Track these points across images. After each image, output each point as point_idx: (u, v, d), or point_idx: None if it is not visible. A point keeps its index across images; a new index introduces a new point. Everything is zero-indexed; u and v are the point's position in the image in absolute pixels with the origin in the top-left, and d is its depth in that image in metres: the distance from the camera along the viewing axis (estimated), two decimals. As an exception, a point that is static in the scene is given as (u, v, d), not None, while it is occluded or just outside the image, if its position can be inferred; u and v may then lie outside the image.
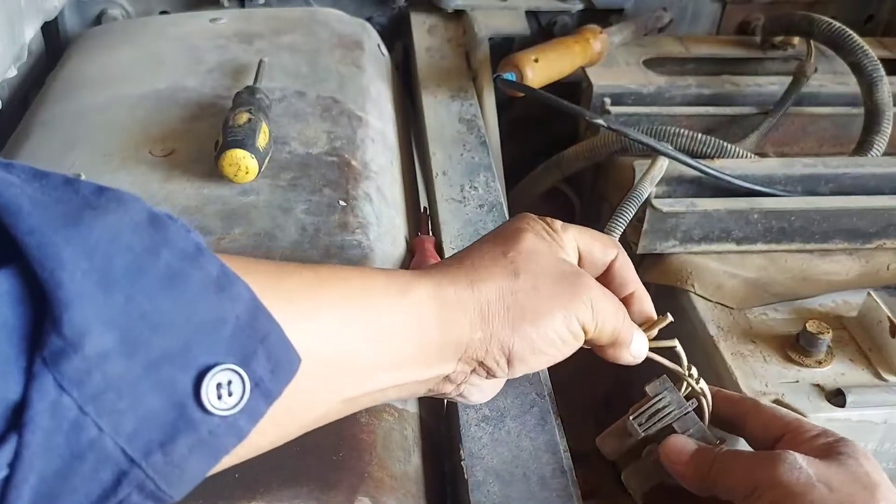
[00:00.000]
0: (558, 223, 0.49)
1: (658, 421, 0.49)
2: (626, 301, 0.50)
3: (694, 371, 0.50)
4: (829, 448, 0.43)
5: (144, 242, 0.30)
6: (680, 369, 0.49)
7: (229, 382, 0.31)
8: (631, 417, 0.49)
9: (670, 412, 0.48)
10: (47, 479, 0.28)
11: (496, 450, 0.48)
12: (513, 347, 0.44)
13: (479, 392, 0.48)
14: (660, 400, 0.49)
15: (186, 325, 0.30)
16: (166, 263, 0.30)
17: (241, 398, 0.31)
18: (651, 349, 0.50)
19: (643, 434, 0.49)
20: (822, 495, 0.40)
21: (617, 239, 0.65)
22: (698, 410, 0.49)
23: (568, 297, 0.45)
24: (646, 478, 0.49)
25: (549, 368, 0.54)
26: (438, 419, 0.57)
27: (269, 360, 0.32)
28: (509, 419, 0.50)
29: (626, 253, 0.51)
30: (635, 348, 0.49)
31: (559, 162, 0.85)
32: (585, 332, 0.46)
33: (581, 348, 0.51)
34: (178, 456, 0.30)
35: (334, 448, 0.46)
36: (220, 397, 0.30)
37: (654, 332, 0.50)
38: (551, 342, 0.45)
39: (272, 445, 0.38)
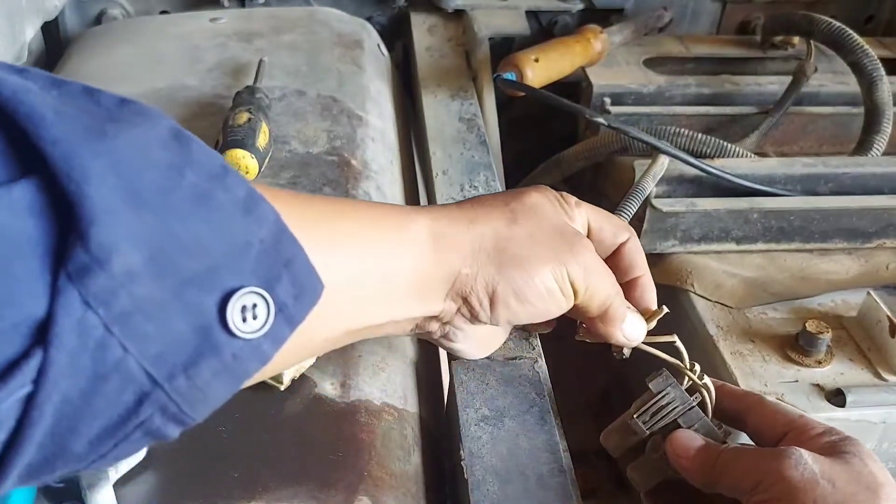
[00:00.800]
0: (573, 199, 0.49)
1: (662, 418, 0.48)
2: (629, 285, 0.50)
3: (697, 367, 0.50)
4: (833, 446, 0.43)
5: (171, 159, 0.29)
6: (682, 364, 0.49)
7: (254, 306, 0.30)
8: (635, 416, 0.49)
9: (674, 408, 0.48)
10: (71, 398, 0.27)
11: (496, 449, 0.48)
12: (497, 288, 0.44)
13: (465, 339, 0.48)
14: (663, 396, 0.48)
15: (214, 247, 0.29)
16: (193, 183, 0.29)
17: (266, 322, 0.30)
18: (649, 343, 0.50)
19: (647, 431, 0.49)
20: (826, 492, 0.40)
21: None
22: (702, 405, 0.49)
23: (562, 252, 0.45)
24: (651, 473, 0.49)
25: (547, 368, 0.54)
26: (438, 418, 0.57)
27: (294, 285, 0.32)
28: (509, 419, 0.50)
29: (637, 239, 0.51)
30: (629, 329, 0.48)
31: (559, 162, 0.85)
32: (575, 294, 0.46)
33: (577, 344, 0.51)
34: (202, 379, 0.29)
35: (334, 447, 0.46)
36: (244, 320, 0.30)
37: (653, 323, 0.50)
38: (537, 292, 0.45)
39: (280, 369, 0.38)
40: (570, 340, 0.53)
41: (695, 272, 0.68)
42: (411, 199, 0.77)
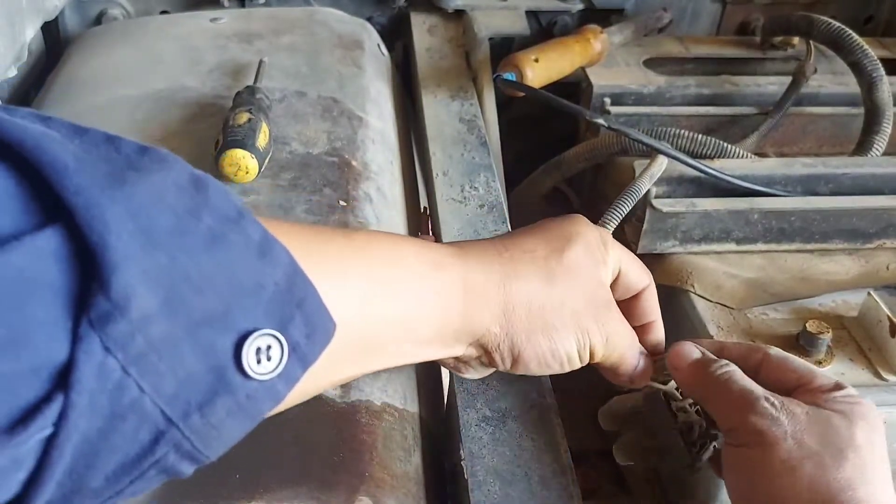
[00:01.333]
0: (610, 241, 0.49)
1: (667, 416, 0.51)
2: (644, 329, 0.51)
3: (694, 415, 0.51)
4: (827, 401, 0.44)
5: (187, 204, 0.30)
6: (690, 412, 0.51)
7: (268, 347, 0.31)
8: (664, 387, 0.51)
9: (688, 421, 0.50)
10: (90, 437, 0.28)
11: (497, 449, 0.48)
12: (523, 352, 0.45)
13: (474, 372, 0.49)
14: (681, 410, 0.51)
15: (227, 288, 0.30)
16: (208, 226, 0.30)
17: (280, 363, 0.31)
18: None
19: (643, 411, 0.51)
20: (790, 449, 0.41)
21: (611, 232, 0.66)
22: (688, 429, 0.50)
23: (588, 323, 0.45)
24: (632, 454, 0.52)
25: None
26: (438, 419, 0.57)
27: (307, 325, 0.32)
28: (510, 419, 0.50)
29: (654, 285, 0.52)
30: (636, 376, 0.50)
31: (559, 163, 0.85)
32: (593, 357, 0.47)
33: None
34: (216, 418, 0.30)
35: (334, 448, 0.46)
36: (259, 362, 0.31)
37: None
38: (558, 358, 0.46)
39: (292, 404, 0.38)
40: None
41: (695, 273, 0.68)
42: (412, 199, 0.77)
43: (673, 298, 0.69)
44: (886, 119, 0.78)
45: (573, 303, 0.45)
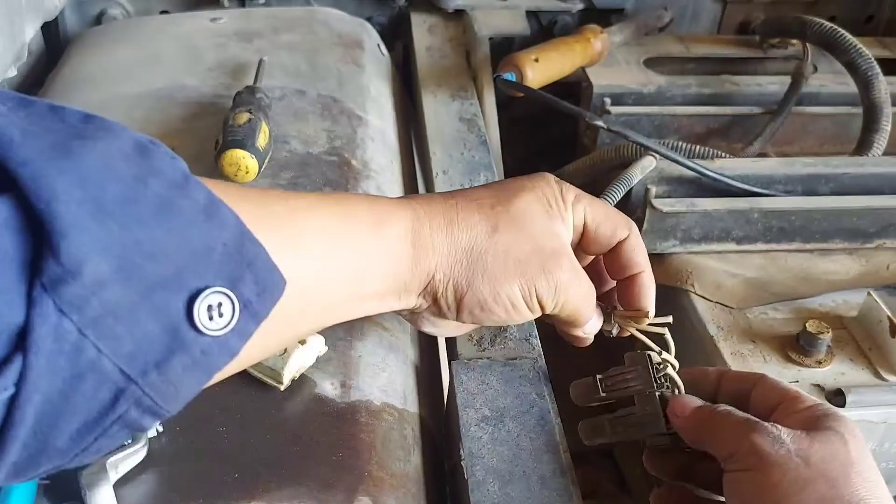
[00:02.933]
0: (572, 193, 0.49)
1: (622, 389, 0.50)
2: (628, 281, 0.50)
3: (675, 362, 0.50)
4: (816, 421, 0.43)
5: (134, 171, 0.31)
6: (657, 352, 0.50)
7: (220, 305, 0.32)
8: (599, 377, 0.51)
9: (635, 387, 0.50)
10: (51, 398, 0.29)
11: (496, 449, 0.48)
12: (464, 297, 0.45)
13: (432, 326, 0.49)
14: (630, 371, 0.50)
15: (178, 251, 0.31)
16: (156, 192, 0.31)
17: (231, 319, 0.32)
18: (643, 331, 0.51)
19: (603, 394, 0.51)
20: (797, 468, 0.41)
21: None
22: (661, 398, 0.50)
23: (534, 272, 0.46)
24: (592, 433, 0.51)
25: (548, 368, 0.54)
26: (438, 419, 0.57)
27: (256, 283, 0.34)
28: (509, 419, 0.50)
29: (639, 236, 0.51)
30: (588, 328, 0.51)
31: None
32: (542, 308, 0.47)
33: (580, 349, 0.52)
34: (174, 374, 0.31)
35: (334, 448, 0.46)
36: (211, 318, 0.32)
37: (647, 323, 0.51)
38: (502, 305, 0.46)
39: (254, 360, 0.40)
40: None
41: (695, 272, 0.68)
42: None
43: (673, 298, 0.69)
44: (885, 117, 0.78)
45: (518, 251, 0.45)
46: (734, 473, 0.43)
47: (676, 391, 0.50)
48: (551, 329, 0.54)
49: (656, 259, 0.71)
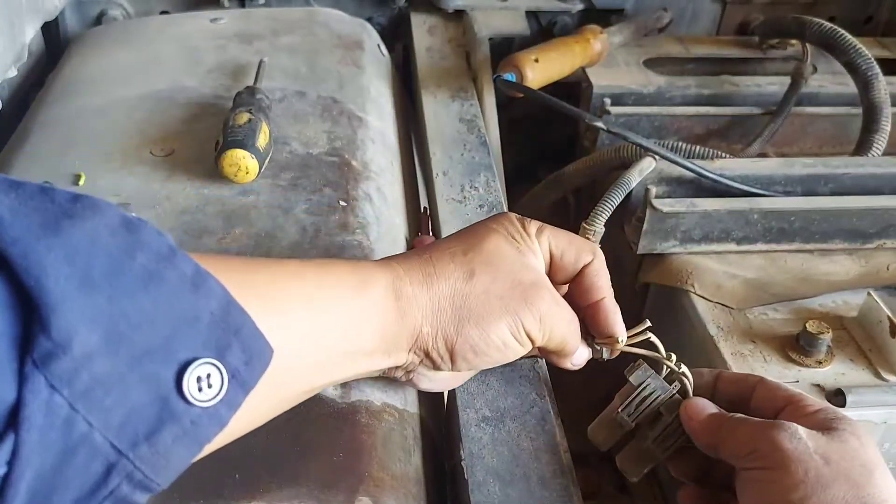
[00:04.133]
0: (534, 226, 0.50)
1: (646, 408, 0.50)
2: (592, 308, 0.50)
3: (673, 356, 0.50)
4: (829, 423, 0.44)
5: (121, 245, 0.32)
6: (661, 356, 0.50)
7: (208, 375, 0.32)
8: (620, 409, 0.50)
9: (656, 397, 0.50)
10: (43, 473, 0.29)
11: (496, 450, 0.48)
12: (455, 345, 0.45)
13: (429, 381, 0.49)
14: (644, 388, 0.50)
15: (165, 321, 0.32)
16: (142, 264, 0.32)
17: (221, 389, 0.33)
18: (629, 343, 0.51)
19: (633, 424, 0.50)
20: (818, 467, 0.41)
21: (601, 225, 0.66)
22: (682, 391, 0.50)
23: (517, 306, 0.46)
24: (640, 461, 0.50)
25: (547, 368, 0.54)
26: (438, 419, 0.57)
27: (244, 352, 0.34)
28: (509, 419, 0.50)
29: (604, 261, 0.51)
30: (576, 359, 0.51)
31: (560, 178, 0.85)
32: (532, 341, 0.47)
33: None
34: (164, 446, 0.31)
35: (334, 448, 0.46)
36: (200, 389, 0.32)
37: (629, 337, 0.51)
38: (494, 345, 0.46)
39: (245, 431, 0.40)
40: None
41: (695, 273, 0.68)
42: (412, 199, 0.77)
43: (673, 298, 0.69)
44: (885, 117, 0.78)
45: (498, 289, 0.46)
46: (752, 472, 0.43)
47: (687, 382, 0.50)
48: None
49: (656, 259, 0.71)
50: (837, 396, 0.58)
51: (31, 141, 0.71)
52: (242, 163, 0.62)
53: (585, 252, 0.50)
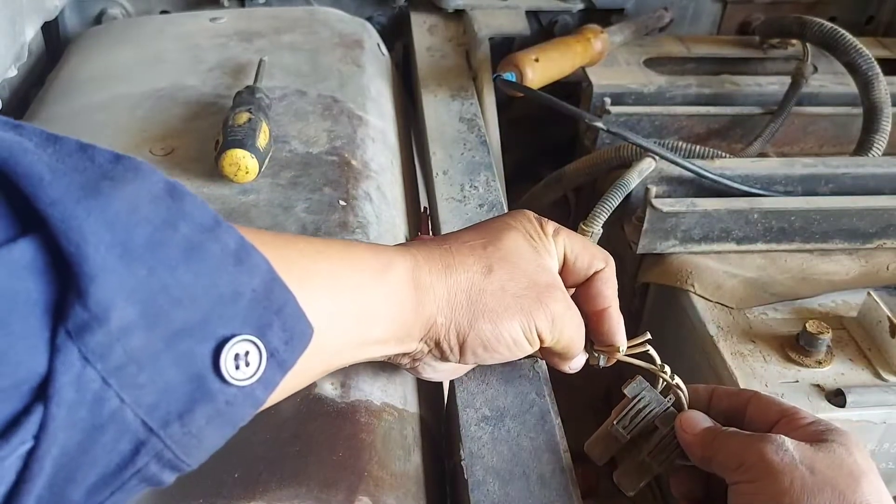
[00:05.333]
0: (552, 227, 0.50)
1: (641, 421, 0.50)
2: (597, 316, 0.50)
3: (667, 368, 0.50)
4: (819, 434, 0.44)
5: (163, 214, 0.30)
6: (655, 368, 0.50)
7: (247, 353, 0.31)
8: (615, 422, 0.50)
9: (651, 410, 0.50)
10: (69, 450, 0.28)
11: (496, 449, 0.48)
12: (467, 338, 0.45)
13: (433, 371, 0.49)
14: (639, 400, 0.50)
15: (205, 297, 0.30)
16: (185, 236, 0.30)
17: (258, 368, 0.32)
18: (627, 354, 0.51)
19: (629, 436, 0.50)
20: (804, 476, 0.41)
21: (599, 226, 0.66)
22: (677, 404, 0.50)
23: (531, 306, 0.46)
24: (637, 476, 0.50)
25: (547, 368, 0.54)
26: (438, 418, 0.57)
27: (285, 331, 0.33)
28: (509, 419, 0.50)
29: (614, 270, 0.51)
30: (575, 363, 0.51)
31: (560, 178, 0.85)
32: (542, 341, 0.47)
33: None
34: (196, 426, 0.30)
35: (334, 447, 0.46)
36: (237, 367, 0.31)
37: (628, 347, 0.51)
38: (504, 342, 0.46)
39: (264, 407, 0.38)
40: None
41: (695, 272, 0.68)
42: (411, 199, 0.77)
43: (673, 298, 0.69)
44: (885, 117, 0.78)
45: (514, 287, 0.46)
46: (741, 485, 0.43)
47: (682, 395, 0.50)
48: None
49: (656, 259, 0.71)
50: (837, 396, 0.58)
51: (31, 140, 0.71)
52: (242, 162, 0.62)
53: (598, 259, 0.50)
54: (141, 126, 0.71)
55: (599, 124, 0.74)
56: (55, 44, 0.95)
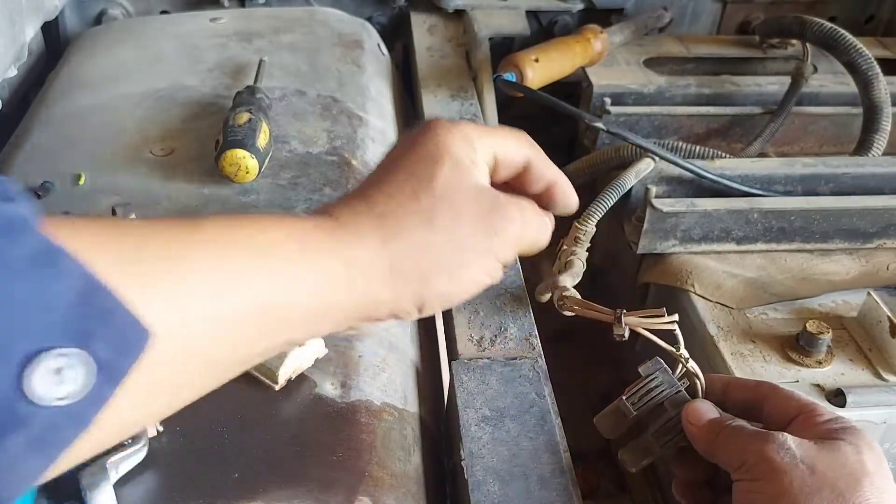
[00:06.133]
0: (475, 134, 0.44)
1: (650, 400, 0.50)
2: (547, 193, 0.47)
3: (685, 352, 0.50)
4: (831, 433, 0.44)
5: None
6: (672, 349, 0.50)
7: (62, 369, 0.27)
8: (624, 398, 0.50)
9: (662, 391, 0.50)
10: None
11: (496, 449, 0.48)
12: (424, 301, 0.41)
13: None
14: (652, 380, 0.50)
15: (3, 311, 0.26)
16: None
17: (82, 383, 0.28)
18: (649, 329, 0.50)
19: (635, 412, 0.50)
20: (803, 476, 0.41)
21: (593, 225, 0.66)
22: (691, 390, 0.50)
23: (486, 242, 0.42)
24: (639, 454, 0.50)
25: (547, 368, 0.54)
26: (438, 419, 0.57)
27: (109, 339, 0.29)
28: (509, 419, 0.50)
29: (538, 147, 0.47)
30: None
31: None
32: (505, 265, 0.44)
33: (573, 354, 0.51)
34: (10, 455, 0.27)
35: (334, 447, 0.46)
36: (54, 385, 0.27)
37: (658, 321, 0.51)
38: (467, 290, 0.42)
39: (147, 422, 0.35)
40: (570, 340, 0.53)
41: (695, 272, 0.68)
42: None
43: (673, 298, 0.69)
44: (885, 117, 0.78)
45: (462, 232, 0.41)
46: (743, 483, 0.44)
47: (698, 382, 0.50)
48: (551, 329, 0.54)
49: (656, 259, 0.71)
50: (837, 397, 0.58)
51: (31, 140, 0.71)
52: (242, 162, 0.62)
53: (524, 145, 0.46)
54: (141, 126, 0.71)
55: (599, 124, 0.74)
56: (55, 44, 0.95)
